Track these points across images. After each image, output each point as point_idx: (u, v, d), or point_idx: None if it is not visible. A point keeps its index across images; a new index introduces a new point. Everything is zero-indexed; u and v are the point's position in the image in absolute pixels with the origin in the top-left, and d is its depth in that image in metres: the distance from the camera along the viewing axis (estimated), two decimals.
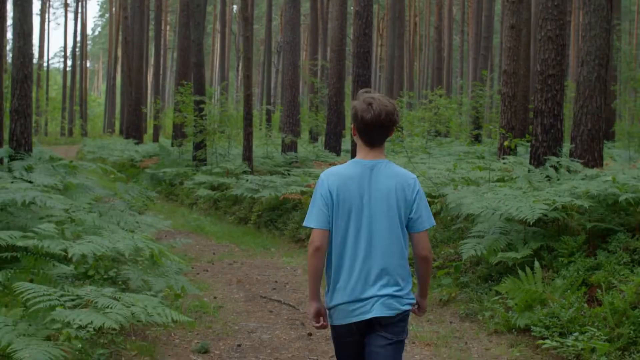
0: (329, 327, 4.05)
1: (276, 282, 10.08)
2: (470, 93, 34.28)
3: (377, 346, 3.92)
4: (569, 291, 7.10)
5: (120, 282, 6.84)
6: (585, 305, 6.85)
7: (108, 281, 6.68)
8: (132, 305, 5.05)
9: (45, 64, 74.07)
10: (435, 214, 10.73)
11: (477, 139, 27.34)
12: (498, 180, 11.53)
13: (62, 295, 4.85)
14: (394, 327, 3.92)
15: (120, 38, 53.33)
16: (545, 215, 8.08)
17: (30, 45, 12.01)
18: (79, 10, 68.43)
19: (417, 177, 4.32)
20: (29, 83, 11.96)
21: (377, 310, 3.85)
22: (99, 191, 11.28)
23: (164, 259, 7.73)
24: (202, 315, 8.01)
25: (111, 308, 4.72)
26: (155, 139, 36.48)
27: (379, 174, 3.93)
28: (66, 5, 74.22)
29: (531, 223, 7.90)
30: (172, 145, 27.00)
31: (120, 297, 5.10)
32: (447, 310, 8.30)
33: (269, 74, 51.09)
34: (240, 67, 64.56)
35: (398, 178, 3.95)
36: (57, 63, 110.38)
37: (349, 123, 31.53)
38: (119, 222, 9.82)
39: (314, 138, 31.43)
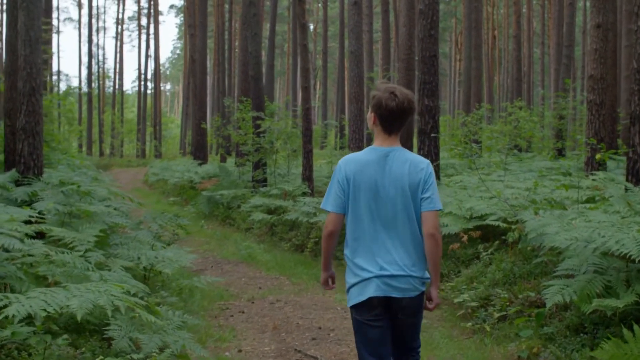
0: (350, 312, 4.17)
1: (320, 328, 8.36)
2: (552, 105, 32.04)
3: (399, 319, 4.16)
4: None
5: (85, 350, 5.20)
6: None
7: (61, 350, 5.04)
8: None
9: (120, 86, 74.42)
10: (512, 244, 8.92)
11: (560, 153, 25.19)
12: (587, 201, 9.66)
13: None
14: (412, 308, 4.12)
15: None
16: None
17: (39, 53, 10.41)
18: (151, 31, 68.55)
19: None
20: (37, 97, 10.38)
21: (397, 291, 4.04)
22: (118, 220, 9.80)
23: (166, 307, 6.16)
24: None
25: None
26: (223, 159, 35.26)
27: (393, 159, 4.11)
28: (140, 27, 74.49)
29: (637, 260, 6.01)
30: (235, 164, 25.63)
31: None
32: None
33: (342, 90, 50.52)
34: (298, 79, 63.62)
35: (411, 163, 4.12)
36: (137, 86, 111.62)
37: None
38: (139, 256, 8.51)
39: None
